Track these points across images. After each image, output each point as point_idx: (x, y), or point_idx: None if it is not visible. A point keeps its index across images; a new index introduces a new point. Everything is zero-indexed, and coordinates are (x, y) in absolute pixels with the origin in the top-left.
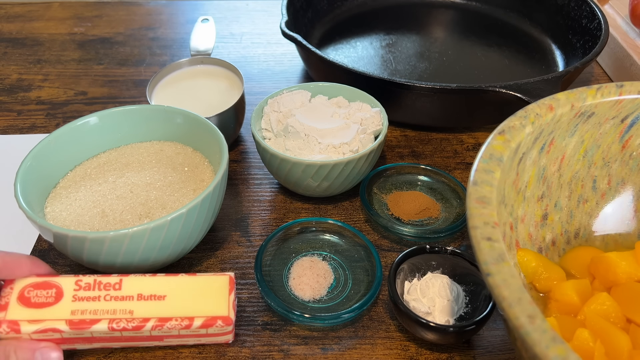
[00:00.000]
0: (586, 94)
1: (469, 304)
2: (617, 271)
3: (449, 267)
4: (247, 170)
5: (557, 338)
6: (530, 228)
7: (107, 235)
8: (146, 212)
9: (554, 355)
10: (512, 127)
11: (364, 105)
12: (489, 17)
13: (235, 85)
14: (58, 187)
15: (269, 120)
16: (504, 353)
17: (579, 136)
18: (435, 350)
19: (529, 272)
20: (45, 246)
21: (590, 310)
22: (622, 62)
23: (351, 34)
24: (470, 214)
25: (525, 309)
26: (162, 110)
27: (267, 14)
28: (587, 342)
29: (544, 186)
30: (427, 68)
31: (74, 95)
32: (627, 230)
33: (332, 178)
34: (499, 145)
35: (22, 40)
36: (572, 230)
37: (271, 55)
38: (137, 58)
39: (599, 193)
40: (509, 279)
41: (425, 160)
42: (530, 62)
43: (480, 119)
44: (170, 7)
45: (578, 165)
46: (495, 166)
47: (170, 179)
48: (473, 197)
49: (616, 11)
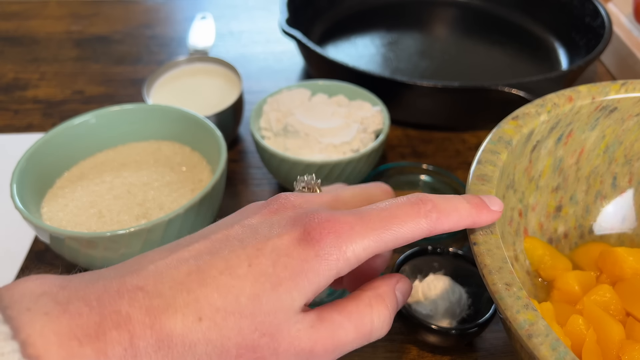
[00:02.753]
0: (609, 88)
1: (471, 306)
2: (623, 266)
3: (451, 269)
4: (246, 169)
5: (530, 305)
6: (541, 218)
7: (104, 235)
8: (143, 212)
9: (522, 320)
10: (526, 114)
11: (365, 104)
12: (491, 15)
13: (234, 84)
14: (54, 187)
15: (268, 119)
16: (507, 355)
17: (600, 131)
18: (437, 352)
19: (535, 260)
20: (41, 247)
21: (589, 300)
22: (626, 61)
23: (352, 32)
24: (468, 189)
25: (504, 277)
26: (160, 109)
27: (266, 12)
28: (580, 329)
29: (559, 178)
30: (429, 66)
31: (70, 94)
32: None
33: (333, 178)
34: (510, 129)
35: (19, 38)
36: (586, 225)
37: (271, 53)
38: (134, 56)
39: (619, 190)
40: (493, 249)
41: (427, 160)
42: (533, 60)
43: (483, 118)
44: (168, 5)
45: (598, 160)
46: (502, 148)
47: (168, 179)
48: (474, 174)
49: (620, 9)
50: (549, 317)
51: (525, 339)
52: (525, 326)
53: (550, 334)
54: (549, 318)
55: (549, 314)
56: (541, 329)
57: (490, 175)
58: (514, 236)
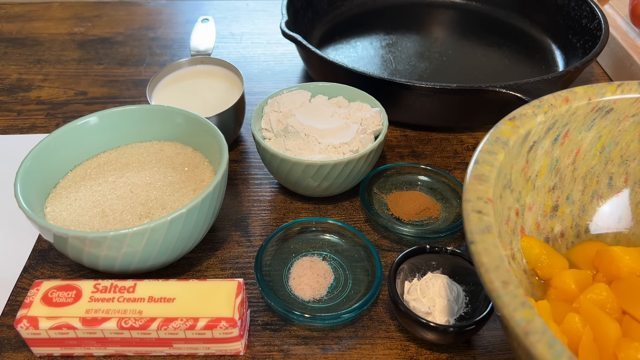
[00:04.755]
0: (605, 89)
1: (469, 304)
2: (619, 265)
3: (449, 267)
4: (247, 170)
5: (526, 303)
6: (538, 217)
7: (107, 235)
8: (146, 212)
9: (519, 318)
10: (523, 115)
11: (364, 105)
12: (489, 17)
13: (235, 85)
14: (58, 187)
15: (269, 120)
16: (504, 353)
17: (596, 131)
18: (435, 350)
19: (532, 259)
20: (45, 246)
21: (586, 299)
22: (622, 62)
23: (351, 34)
24: (466, 189)
25: (501, 275)
26: (162, 110)
27: (267, 14)
28: (577, 327)
29: (556, 178)
30: (427, 68)
31: (74, 95)
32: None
33: (332, 178)
34: (507, 130)
35: (22, 40)
36: (583, 225)
37: (271, 55)
38: (137, 58)
39: (615, 190)
40: (490, 248)
41: (425, 160)
42: (530, 62)
43: (480, 119)
44: (170, 7)
45: (594, 160)
46: (499, 148)
47: (170, 179)
48: (472, 174)
49: (616, 11)
50: (545, 315)
51: (522, 337)
52: (522, 324)
53: (547, 332)
54: (545, 316)
55: (546, 312)
56: (538, 327)
57: (488, 175)
58: (511, 235)
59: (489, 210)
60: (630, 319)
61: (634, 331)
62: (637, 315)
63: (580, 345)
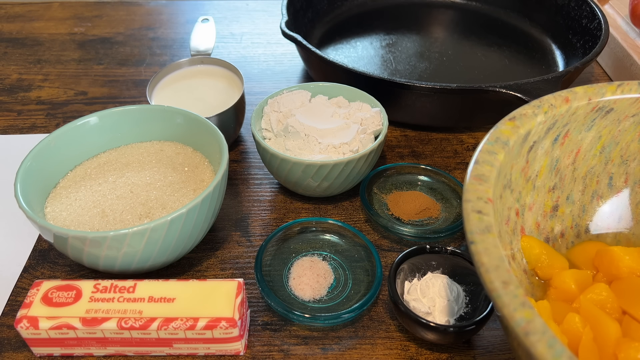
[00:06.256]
0: (606, 89)
1: (469, 304)
2: (619, 265)
3: (449, 267)
4: (247, 170)
5: (527, 303)
6: (538, 217)
7: (107, 235)
8: (146, 212)
9: (519, 317)
10: (523, 115)
11: (364, 105)
12: (489, 17)
13: (235, 85)
14: (58, 187)
15: (269, 120)
16: (504, 353)
17: (597, 131)
18: (435, 350)
19: (532, 259)
20: (45, 246)
21: (586, 299)
22: (622, 62)
23: (351, 34)
24: (466, 189)
25: (501, 275)
26: (162, 110)
27: (267, 14)
28: (577, 327)
29: (556, 178)
30: (427, 68)
31: (74, 95)
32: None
33: (332, 178)
34: (507, 130)
35: (22, 40)
36: (583, 225)
37: (271, 55)
38: (137, 58)
39: (615, 190)
40: (490, 248)
41: (425, 160)
42: (530, 62)
43: (480, 119)
44: (170, 7)
45: (594, 160)
46: (499, 149)
47: (171, 179)
48: (472, 174)
49: (616, 11)
50: (545, 315)
51: (522, 337)
52: (522, 324)
53: (547, 332)
54: (545, 316)
55: (546, 312)
56: (538, 327)
57: (488, 175)
58: (511, 235)
59: (489, 210)
60: (630, 319)
61: (634, 331)
62: (637, 315)
63: (580, 345)
